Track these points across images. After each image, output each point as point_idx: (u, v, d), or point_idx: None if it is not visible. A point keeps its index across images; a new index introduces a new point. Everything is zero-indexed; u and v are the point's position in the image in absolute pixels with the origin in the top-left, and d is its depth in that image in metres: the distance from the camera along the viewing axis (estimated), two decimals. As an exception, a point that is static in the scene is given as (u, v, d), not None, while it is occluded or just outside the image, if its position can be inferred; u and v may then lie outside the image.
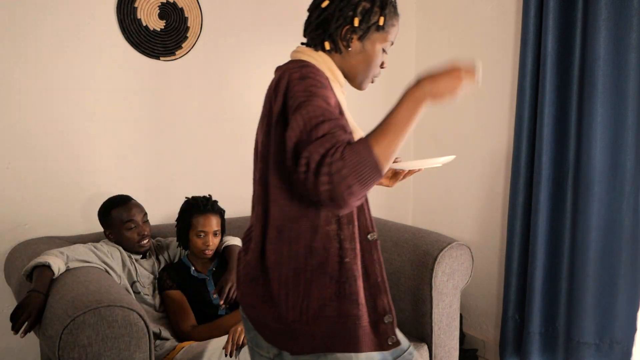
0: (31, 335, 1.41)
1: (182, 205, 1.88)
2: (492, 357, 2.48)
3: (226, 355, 1.51)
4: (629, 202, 1.94)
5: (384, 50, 1.15)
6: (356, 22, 1.09)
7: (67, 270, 1.54)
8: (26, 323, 1.34)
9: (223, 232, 1.90)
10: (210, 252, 1.84)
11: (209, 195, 1.89)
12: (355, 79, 1.17)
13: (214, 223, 1.83)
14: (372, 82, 1.19)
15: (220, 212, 1.88)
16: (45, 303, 1.39)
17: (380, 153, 0.88)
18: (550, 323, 2.19)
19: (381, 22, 1.10)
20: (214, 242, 1.83)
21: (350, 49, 1.11)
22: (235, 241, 1.98)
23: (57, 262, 1.51)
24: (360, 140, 0.89)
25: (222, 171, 2.35)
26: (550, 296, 2.18)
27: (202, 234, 1.82)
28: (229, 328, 1.60)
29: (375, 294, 1.03)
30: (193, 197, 1.87)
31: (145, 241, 1.81)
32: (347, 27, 1.09)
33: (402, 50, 2.85)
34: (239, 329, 1.56)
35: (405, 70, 2.84)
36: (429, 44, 2.80)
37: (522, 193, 2.22)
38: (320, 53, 1.13)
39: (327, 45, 1.12)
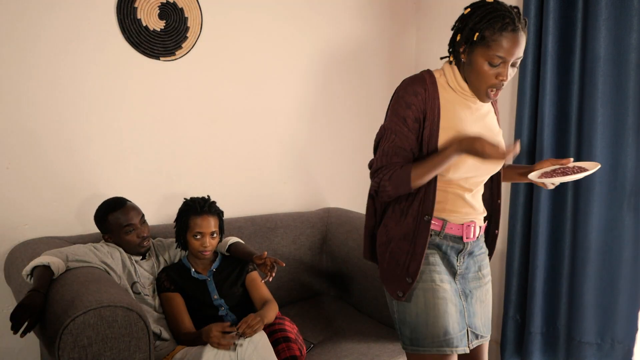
0: (31, 335, 1.41)
1: (181, 206, 1.87)
2: (493, 357, 2.48)
3: (237, 333, 1.56)
4: (630, 201, 1.94)
5: (491, 64, 1.30)
6: (458, 38, 1.35)
7: (67, 270, 1.54)
8: (26, 323, 1.33)
9: (221, 232, 1.89)
10: (208, 253, 1.84)
11: (207, 196, 1.89)
12: (471, 89, 1.38)
13: (211, 224, 1.82)
14: (493, 92, 1.34)
15: (218, 213, 1.87)
16: (45, 303, 1.38)
17: (415, 179, 1.34)
18: (551, 323, 2.19)
19: (475, 37, 1.29)
20: (211, 243, 1.83)
21: (463, 61, 1.35)
22: (236, 240, 1.98)
23: (57, 262, 1.50)
24: (407, 167, 1.34)
25: (222, 171, 2.35)
26: (551, 296, 2.18)
27: (199, 236, 1.81)
28: (205, 339, 1.58)
29: None
30: (191, 199, 1.87)
31: (145, 242, 1.80)
32: (456, 42, 1.36)
33: (403, 50, 2.85)
34: (257, 318, 1.60)
35: (406, 70, 2.84)
36: (429, 44, 2.80)
37: (523, 193, 2.22)
38: (449, 65, 1.40)
39: (450, 57, 1.40)
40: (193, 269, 1.85)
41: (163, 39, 2.12)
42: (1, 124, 1.86)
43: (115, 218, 1.76)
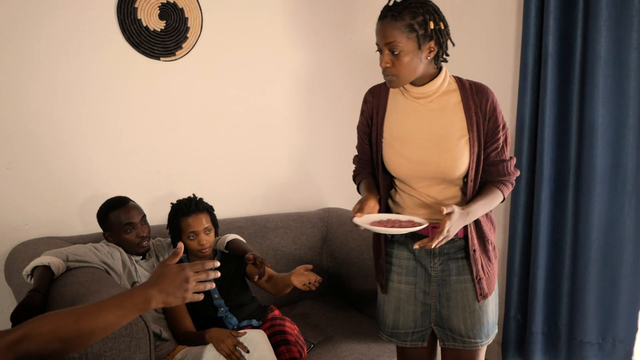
0: (31, 335, 1.40)
1: (169, 212, 1.86)
2: (495, 358, 2.47)
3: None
4: (631, 201, 1.94)
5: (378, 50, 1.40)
6: None
7: (68, 270, 1.54)
8: (26, 323, 1.33)
9: (216, 227, 1.88)
10: (208, 250, 1.83)
11: (193, 195, 1.88)
12: None
13: (202, 221, 1.81)
14: (386, 77, 1.43)
15: (207, 209, 1.85)
16: (45, 303, 1.38)
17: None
18: (552, 323, 2.19)
19: None
20: (207, 239, 1.81)
21: None
22: (235, 237, 1.97)
23: (57, 263, 1.50)
24: (359, 179, 1.63)
25: (222, 171, 2.35)
26: (552, 296, 2.17)
27: (193, 235, 1.80)
28: (210, 341, 1.58)
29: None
30: (177, 202, 1.85)
31: (144, 242, 1.80)
32: None
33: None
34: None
35: (406, 70, 2.84)
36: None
37: (524, 193, 2.22)
38: None
39: None
40: (193, 269, 1.85)
41: (163, 39, 2.12)
42: (1, 124, 1.87)
43: (116, 216, 1.76)
